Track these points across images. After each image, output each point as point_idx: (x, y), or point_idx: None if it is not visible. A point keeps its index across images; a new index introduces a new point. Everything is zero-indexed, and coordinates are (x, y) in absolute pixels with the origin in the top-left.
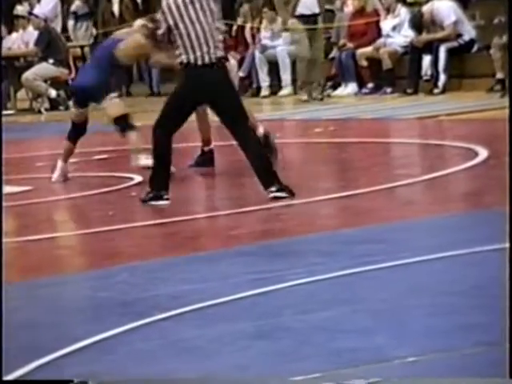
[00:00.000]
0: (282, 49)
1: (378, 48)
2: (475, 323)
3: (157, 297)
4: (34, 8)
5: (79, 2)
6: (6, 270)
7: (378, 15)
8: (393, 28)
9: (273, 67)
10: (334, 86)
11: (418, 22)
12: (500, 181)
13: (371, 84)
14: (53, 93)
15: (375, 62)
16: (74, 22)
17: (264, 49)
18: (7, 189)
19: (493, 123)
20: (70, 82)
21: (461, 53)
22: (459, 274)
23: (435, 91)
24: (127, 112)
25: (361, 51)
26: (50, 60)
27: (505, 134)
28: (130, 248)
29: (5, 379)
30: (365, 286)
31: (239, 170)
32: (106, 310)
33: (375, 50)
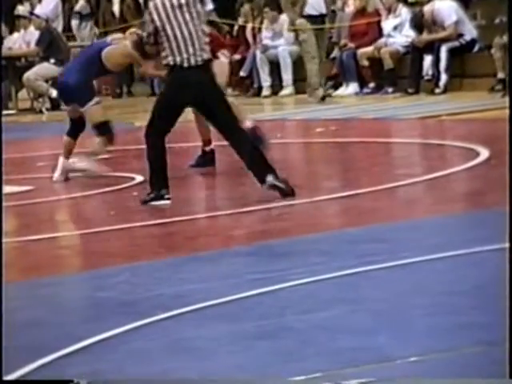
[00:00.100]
0: (284, 49)
1: (379, 48)
2: (476, 323)
3: (158, 297)
4: (35, 8)
5: (83, 2)
6: (8, 270)
7: (379, 15)
8: (394, 28)
9: (274, 67)
10: (335, 86)
11: (419, 22)
12: (501, 181)
13: (372, 84)
14: (54, 93)
15: (376, 62)
16: (79, 22)
17: (265, 49)
18: (8, 189)
19: (494, 123)
20: (58, 78)
21: (462, 53)
22: (460, 274)
23: (436, 91)
24: (107, 119)
25: (362, 51)
26: (52, 60)
27: (506, 134)
28: (131, 248)
29: (5, 379)
30: (366, 286)
31: (240, 170)
32: (107, 310)
33: (376, 50)
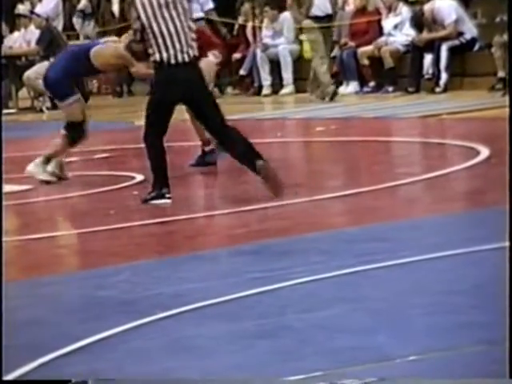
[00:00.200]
0: (284, 47)
1: (380, 47)
2: (476, 322)
3: (157, 296)
4: (36, 7)
5: (85, 1)
6: (8, 269)
7: (380, 14)
8: (394, 27)
9: (274, 66)
10: (336, 85)
11: (419, 21)
12: (501, 180)
13: (373, 83)
14: None
15: (377, 61)
16: (82, 21)
17: (265, 47)
18: (9, 188)
19: (494, 122)
20: (44, 73)
21: (462, 51)
22: (460, 273)
23: (437, 90)
24: (83, 119)
25: (362, 50)
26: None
27: (506, 133)
28: (132, 247)
29: (5, 379)
30: (365, 285)
31: (240, 170)
32: (107, 309)
33: (377, 49)
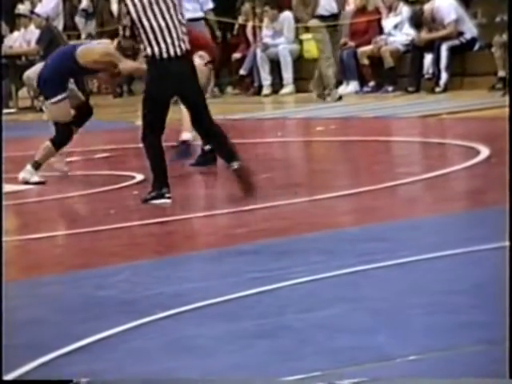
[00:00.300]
0: (284, 47)
1: (380, 46)
2: (476, 322)
3: (157, 295)
4: (36, 7)
5: (87, 1)
6: (8, 269)
7: (380, 13)
8: (394, 26)
9: (274, 66)
10: (336, 85)
11: (418, 20)
12: (501, 179)
13: (373, 82)
14: None
15: (377, 61)
16: (85, 20)
17: (265, 47)
18: (9, 187)
19: (494, 121)
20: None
21: (462, 51)
22: (460, 273)
23: (437, 89)
24: (69, 120)
25: (362, 50)
26: None
27: (506, 133)
28: (131, 246)
29: (5, 379)
30: (365, 285)
31: None
32: (107, 309)
33: (377, 49)
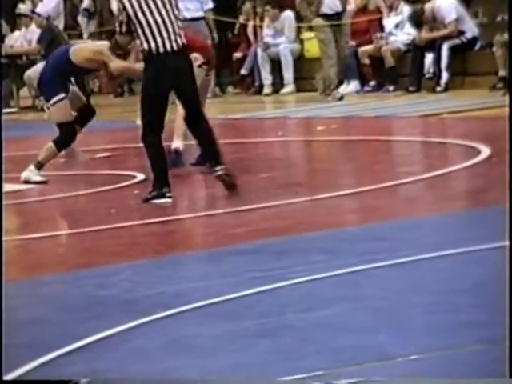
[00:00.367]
0: (285, 46)
1: (380, 45)
2: (476, 321)
3: (158, 295)
4: (37, 6)
5: (89, 0)
6: (9, 268)
7: (381, 13)
8: (395, 26)
9: (275, 65)
10: (338, 85)
11: (419, 19)
12: (502, 179)
13: (373, 82)
14: None
15: (377, 60)
16: (87, 20)
17: (266, 47)
18: (10, 187)
19: (495, 121)
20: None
21: (463, 50)
22: (460, 272)
23: (438, 89)
24: (71, 119)
25: (363, 49)
26: None
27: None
28: (133, 246)
29: (5, 379)
30: (367, 284)
31: (241, 168)
32: (108, 308)
33: (378, 48)
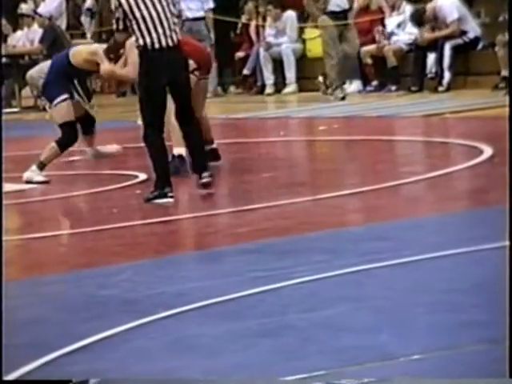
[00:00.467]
0: (287, 46)
1: (383, 46)
2: (477, 321)
3: (160, 295)
4: (39, 6)
5: (92, 0)
6: (11, 268)
7: (383, 13)
8: (397, 25)
9: (277, 65)
10: (340, 84)
11: (420, 18)
12: (504, 178)
13: (376, 82)
14: None
15: (380, 60)
16: (90, 19)
17: (268, 46)
18: (13, 186)
19: (497, 121)
20: None
21: (466, 50)
22: (463, 272)
23: (440, 89)
24: (74, 119)
25: (365, 49)
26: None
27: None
28: (134, 246)
29: (5, 379)
30: (369, 284)
31: (243, 168)
32: (109, 308)
33: (380, 48)
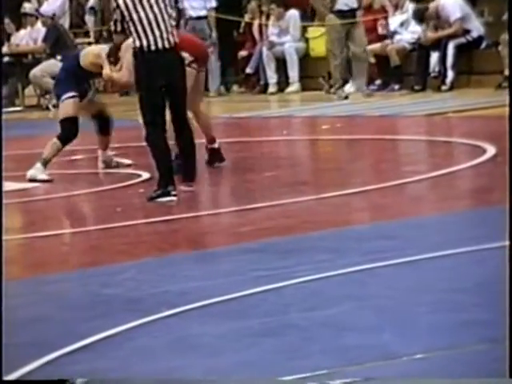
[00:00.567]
0: (290, 45)
1: (386, 45)
2: (478, 320)
3: (163, 294)
4: (42, 5)
5: None
6: (14, 267)
7: (386, 12)
8: (400, 24)
9: (280, 64)
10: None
11: (422, 16)
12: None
13: (379, 81)
14: None
15: (383, 59)
16: (94, 18)
17: (271, 45)
18: (15, 185)
19: (500, 120)
20: None
21: (469, 49)
22: (464, 271)
23: (443, 88)
24: (76, 115)
25: (369, 48)
26: (58, 56)
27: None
28: (137, 245)
29: (5, 379)
30: (371, 283)
31: (246, 167)
32: (113, 307)
33: (383, 47)
